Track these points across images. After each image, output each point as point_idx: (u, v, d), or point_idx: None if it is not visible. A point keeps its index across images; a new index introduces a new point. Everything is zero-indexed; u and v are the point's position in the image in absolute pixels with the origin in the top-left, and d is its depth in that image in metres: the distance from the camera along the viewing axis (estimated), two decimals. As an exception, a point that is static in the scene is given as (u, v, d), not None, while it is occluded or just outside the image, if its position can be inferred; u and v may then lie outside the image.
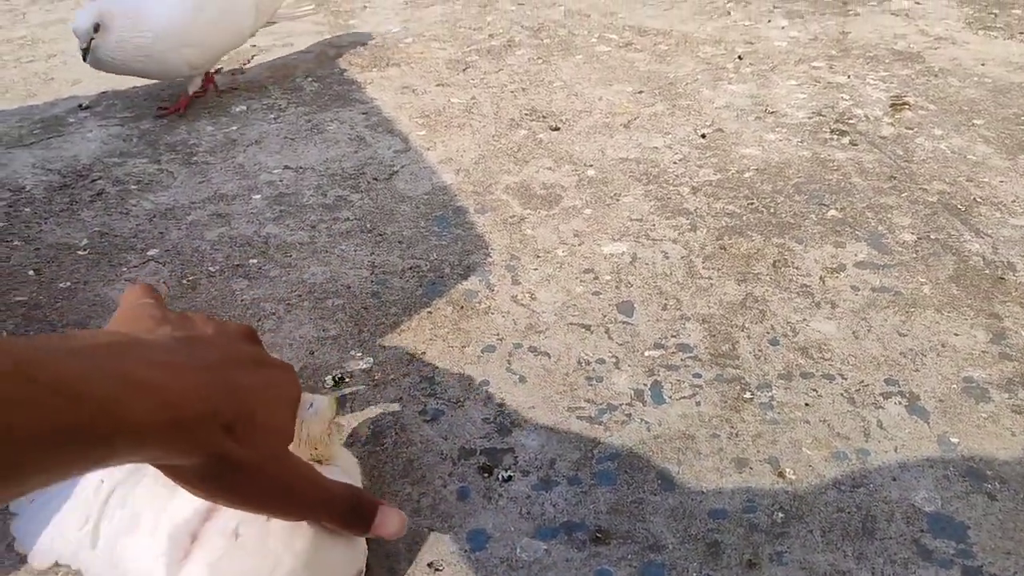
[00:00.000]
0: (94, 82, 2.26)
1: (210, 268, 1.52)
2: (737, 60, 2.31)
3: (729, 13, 2.63)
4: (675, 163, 1.83)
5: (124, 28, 1.89)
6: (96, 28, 1.86)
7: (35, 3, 2.85)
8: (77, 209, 1.71)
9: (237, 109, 2.12)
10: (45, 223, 1.67)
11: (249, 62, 2.41)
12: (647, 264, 1.50)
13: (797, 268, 1.48)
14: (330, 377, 1.23)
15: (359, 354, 1.29)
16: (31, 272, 1.52)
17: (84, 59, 1.90)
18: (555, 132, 1.98)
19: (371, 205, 1.71)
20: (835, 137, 1.91)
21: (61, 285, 1.48)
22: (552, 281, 1.46)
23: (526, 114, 2.07)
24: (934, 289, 1.41)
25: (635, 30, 2.53)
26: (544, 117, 2.05)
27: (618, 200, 1.71)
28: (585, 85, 2.20)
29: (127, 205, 1.72)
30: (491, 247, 1.56)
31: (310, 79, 2.29)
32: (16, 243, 1.61)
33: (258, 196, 1.75)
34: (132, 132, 2.02)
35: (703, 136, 1.94)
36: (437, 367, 1.26)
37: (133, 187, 1.79)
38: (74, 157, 1.91)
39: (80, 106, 2.15)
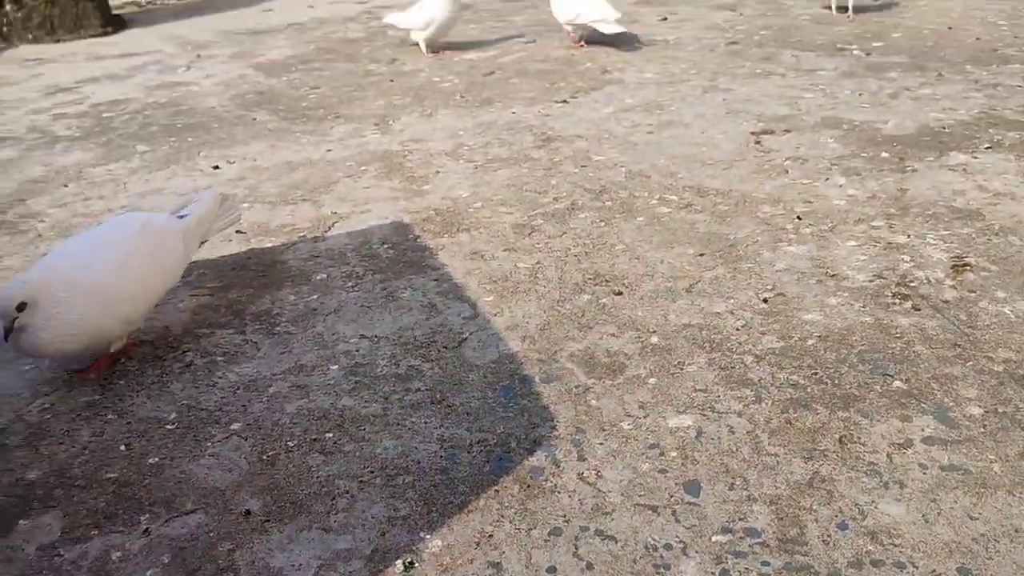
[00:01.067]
0: (187, 252, 2.43)
1: (288, 443, 1.59)
2: (796, 220, 2.37)
3: (787, 171, 2.72)
4: (738, 330, 1.87)
5: (54, 302, 1.66)
6: (21, 307, 1.62)
7: (134, 173, 3.11)
8: (167, 381, 1.82)
9: (318, 278, 2.26)
10: (137, 396, 1.78)
11: (330, 229, 2.58)
12: (712, 439, 1.51)
13: (863, 444, 1.47)
14: (400, 562, 1.27)
15: (428, 536, 1.32)
16: (122, 447, 1.61)
17: (5, 340, 1.64)
18: (618, 296, 2.04)
19: (441, 375, 1.77)
20: (897, 301, 1.92)
21: (150, 461, 1.56)
22: (618, 457, 1.48)
23: (589, 278, 2.14)
24: (1004, 467, 1.38)
25: (695, 190, 2.62)
26: (607, 281, 2.12)
27: (682, 369, 1.74)
28: (647, 248, 2.28)
29: (214, 377, 1.83)
30: (557, 420, 1.60)
31: (386, 245, 2.43)
32: (110, 416, 1.72)
33: (335, 367, 1.84)
34: (220, 302, 2.16)
35: (765, 301, 1.97)
36: (504, 552, 1.28)
37: (220, 358, 1.90)
38: (165, 328, 2.05)
39: (174, 276, 2.31)
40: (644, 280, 2.11)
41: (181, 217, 2.02)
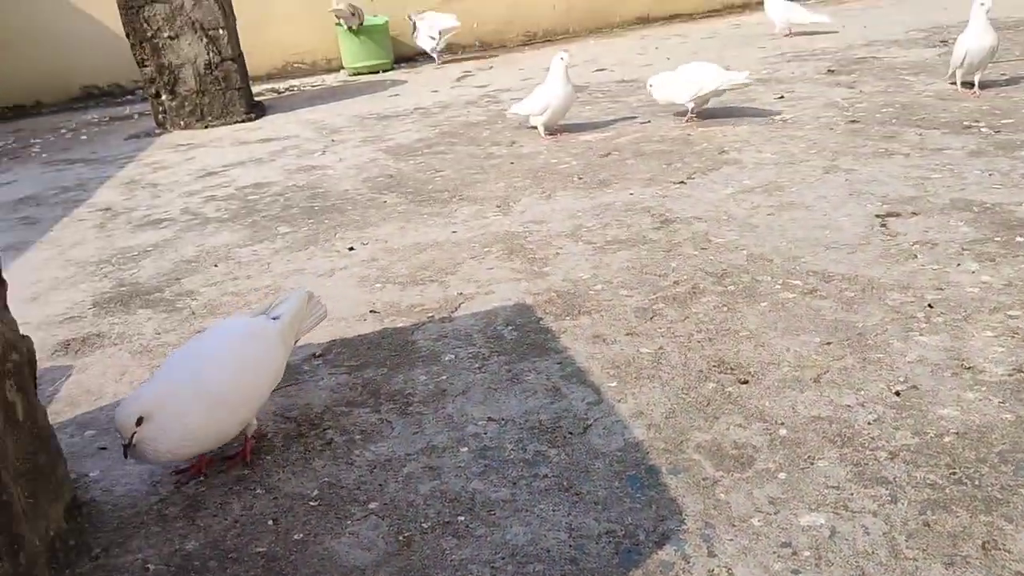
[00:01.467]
0: (326, 331, 2.59)
1: (423, 524, 1.66)
2: (927, 308, 2.32)
3: (916, 256, 2.66)
4: (869, 424, 1.83)
5: (171, 414, 1.74)
6: (139, 421, 1.70)
7: (277, 254, 3.34)
8: (310, 458, 1.94)
9: (447, 358, 2.36)
10: (282, 472, 1.90)
11: (457, 309, 2.69)
12: (847, 540, 1.49)
13: (1009, 552, 1.42)
14: (535, 652, 1.30)
15: (561, 627, 1.35)
16: (270, 522, 1.72)
17: (125, 455, 1.74)
18: (744, 385, 2.05)
19: (567, 461, 1.82)
20: (1043, 399, 1.85)
21: (295, 536, 1.66)
22: (749, 555, 1.48)
23: (714, 365, 2.15)
24: None
25: (819, 275, 2.60)
26: (732, 369, 2.13)
27: (813, 464, 1.72)
28: (772, 335, 2.28)
29: (352, 455, 1.93)
30: (685, 513, 1.61)
31: (510, 327, 2.51)
32: (258, 491, 1.84)
33: (465, 449, 1.91)
34: (357, 380, 2.28)
35: (897, 394, 1.93)
36: (637, 648, 1.29)
37: (357, 437, 2.01)
38: (307, 405, 2.18)
39: (314, 355, 2.47)
40: (770, 369, 2.11)
41: (275, 318, 2.07)
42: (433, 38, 7.39)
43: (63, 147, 5.95)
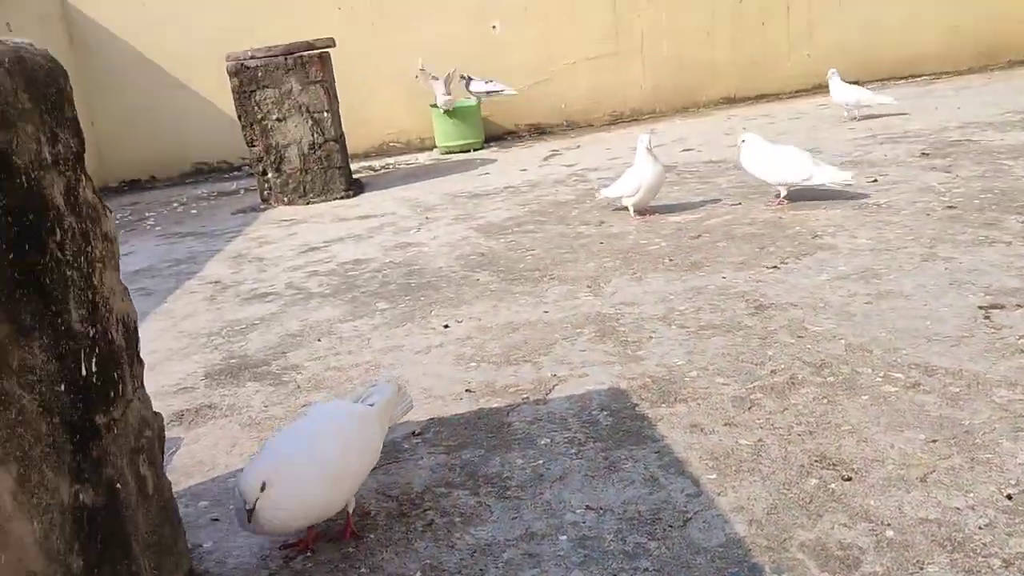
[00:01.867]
0: (424, 409, 2.66)
1: (525, 612, 1.68)
2: (1040, 408, 2.25)
3: (1023, 351, 2.59)
4: (981, 528, 1.78)
5: (288, 484, 1.82)
6: (263, 487, 1.78)
7: (376, 330, 3.46)
8: (412, 539, 1.99)
9: (543, 442, 2.39)
10: (385, 551, 1.95)
11: (551, 391, 2.73)
12: (963, 655, 1.44)
13: None
14: None
15: None
16: (377, 601, 1.77)
17: (248, 521, 1.80)
18: (847, 482, 2.02)
19: (668, 555, 1.82)
20: None
21: (402, 618, 1.70)
22: (859, 665, 1.44)
23: (815, 460, 2.13)
24: None
25: (921, 369, 2.55)
26: (834, 465, 2.10)
27: (922, 569, 1.68)
28: (874, 430, 2.24)
29: (452, 538, 1.97)
30: (790, 615, 1.59)
31: (605, 412, 2.54)
32: (363, 570, 1.89)
33: (564, 537, 1.93)
34: (455, 461, 2.34)
35: (1009, 497, 1.88)
36: None
37: (457, 519, 2.05)
38: (408, 484, 2.24)
39: (413, 433, 2.54)
40: (874, 466, 2.07)
41: (370, 405, 2.19)
42: (447, 94, 7.48)
43: (175, 220, 6.33)
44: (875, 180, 4.96)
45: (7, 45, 1.27)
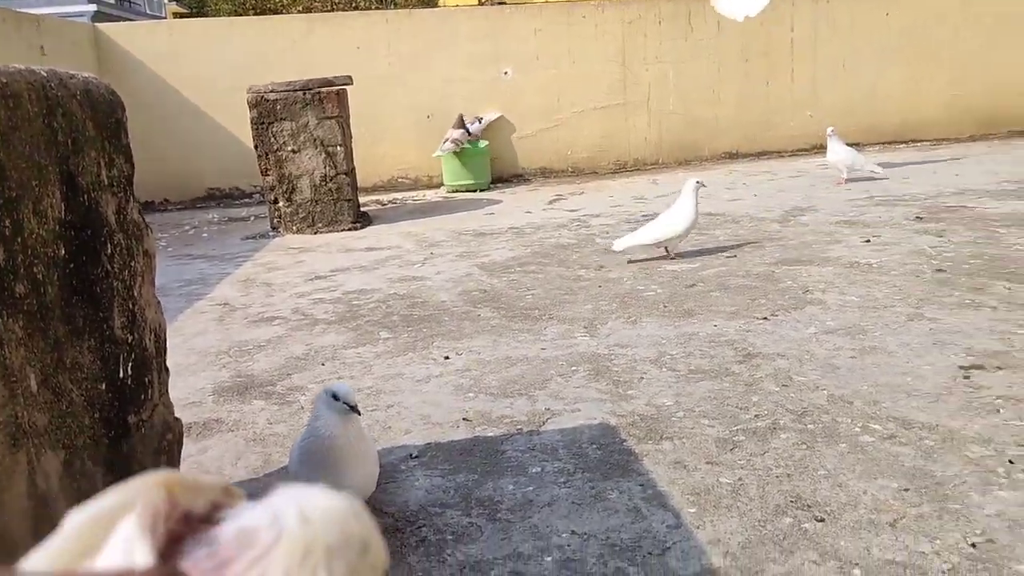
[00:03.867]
0: (422, 433, 2.78)
1: (510, 625, 1.78)
2: (1009, 464, 2.36)
3: (999, 411, 2.71)
4: (944, 573, 1.89)
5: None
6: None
7: (379, 357, 3.59)
8: (405, 553, 2.10)
9: (534, 470, 2.51)
10: (382, 563, 2.05)
11: (544, 424, 2.85)
12: None
13: None
14: None
15: None
16: (371, 608, 1.87)
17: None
18: (820, 523, 2.13)
19: (647, 580, 1.92)
20: (1121, 563, 1.88)
21: (393, 624, 1.81)
22: None
23: (791, 501, 2.24)
24: None
25: (899, 422, 2.67)
26: (809, 506, 2.21)
27: (884, 606, 1.78)
28: (849, 476, 2.35)
29: (444, 554, 2.08)
30: (758, 640, 1.69)
31: (594, 446, 2.65)
32: (360, 579, 1.99)
33: (549, 559, 2.04)
34: (450, 484, 2.45)
35: (973, 546, 1.99)
36: None
37: (449, 537, 2.16)
38: (404, 502, 2.35)
39: (410, 455, 2.65)
40: (847, 509, 2.18)
41: None
42: (456, 140, 7.71)
43: (186, 243, 6.49)
44: (868, 240, 5.12)
45: (78, 79, 1.42)
